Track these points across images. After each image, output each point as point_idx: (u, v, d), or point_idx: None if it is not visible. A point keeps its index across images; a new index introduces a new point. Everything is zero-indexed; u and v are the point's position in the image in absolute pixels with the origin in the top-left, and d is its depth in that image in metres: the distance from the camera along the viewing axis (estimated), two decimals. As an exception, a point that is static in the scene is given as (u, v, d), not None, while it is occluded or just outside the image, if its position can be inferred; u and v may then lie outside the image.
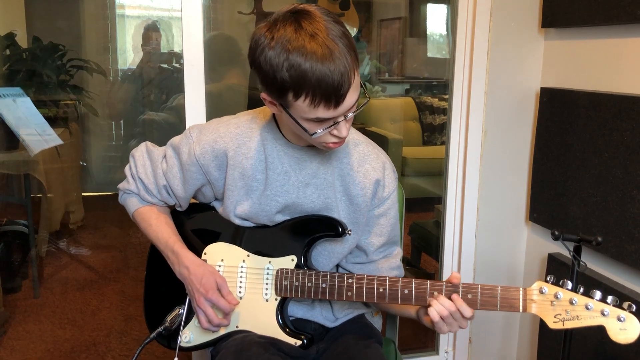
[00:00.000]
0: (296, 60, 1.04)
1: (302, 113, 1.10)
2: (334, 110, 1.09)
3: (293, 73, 1.04)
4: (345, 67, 1.05)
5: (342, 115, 1.12)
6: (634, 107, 1.64)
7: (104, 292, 3.01)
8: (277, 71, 1.06)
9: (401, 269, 1.42)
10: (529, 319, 2.23)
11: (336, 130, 1.14)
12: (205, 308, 1.27)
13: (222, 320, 1.29)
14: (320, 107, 1.08)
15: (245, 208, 1.31)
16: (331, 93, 1.06)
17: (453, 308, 1.17)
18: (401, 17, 4.44)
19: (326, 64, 1.04)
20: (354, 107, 1.13)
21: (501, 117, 2.13)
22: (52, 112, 2.93)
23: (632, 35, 1.72)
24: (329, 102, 1.07)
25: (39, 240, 3.06)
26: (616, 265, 1.78)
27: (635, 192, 1.65)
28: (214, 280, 1.27)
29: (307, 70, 1.04)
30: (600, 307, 1.10)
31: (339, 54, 1.05)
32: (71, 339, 2.58)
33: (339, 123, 1.13)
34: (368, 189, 1.32)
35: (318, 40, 1.04)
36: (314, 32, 1.05)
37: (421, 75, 4.65)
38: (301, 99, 1.07)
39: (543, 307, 1.14)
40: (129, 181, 1.41)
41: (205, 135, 1.31)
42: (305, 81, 1.04)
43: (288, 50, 1.04)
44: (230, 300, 1.28)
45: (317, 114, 1.09)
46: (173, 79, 3.55)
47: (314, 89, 1.05)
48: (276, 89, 1.09)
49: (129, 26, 3.79)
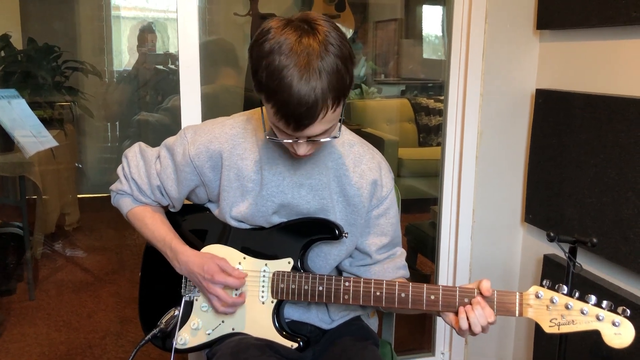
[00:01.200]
0: (277, 70, 1.03)
1: (269, 116, 1.11)
2: (292, 132, 1.09)
3: (269, 79, 1.05)
4: (316, 101, 1.03)
5: (304, 137, 1.12)
6: (629, 109, 1.65)
7: (99, 294, 3.00)
8: (259, 68, 1.07)
9: (406, 268, 1.42)
10: (524, 321, 2.24)
11: (294, 147, 1.15)
12: (215, 292, 1.26)
13: (236, 299, 1.28)
14: (281, 122, 1.08)
15: (241, 209, 1.31)
16: (291, 117, 1.05)
17: (492, 319, 1.16)
18: (397, 18, 4.44)
19: (301, 89, 1.02)
20: (321, 135, 1.12)
21: (497, 118, 2.14)
22: (47, 114, 2.92)
23: (627, 37, 1.72)
24: (287, 124, 1.07)
25: (34, 242, 3.05)
26: (611, 267, 1.78)
27: (630, 193, 1.65)
28: (215, 264, 1.27)
29: (282, 85, 1.03)
30: (595, 312, 1.11)
31: (319, 88, 1.03)
32: (66, 342, 2.57)
33: (297, 141, 1.13)
34: (365, 190, 1.32)
35: (309, 65, 1.02)
36: (309, 54, 1.03)
37: (417, 76, 4.66)
38: (269, 105, 1.08)
39: (539, 311, 1.15)
40: (122, 182, 1.40)
41: (200, 136, 1.31)
42: (276, 93, 1.04)
43: (278, 55, 1.04)
44: (238, 275, 1.28)
45: (278, 125, 1.10)
46: (168, 80, 3.54)
47: (280, 104, 1.05)
48: (256, 81, 1.10)
49: (124, 27, 3.78)
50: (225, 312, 1.30)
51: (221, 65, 3.23)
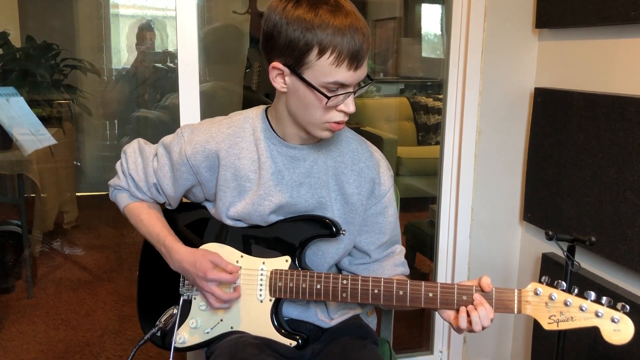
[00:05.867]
0: (327, 17, 1.10)
1: (321, 76, 1.13)
2: (353, 73, 1.13)
3: (323, 29, 1.10)
4: (366, 33, 1.13)
5: (356, 84, 1.17)
6: (628, 108, 1.65)
7: (98, 292, 3.00)
8: (305, 28, 1.10)
9: (405, 265, 1.42)
10: (523, 318, 2.24)
11: (344, 105, 1.17)
12: (210, 289, 1.26)
13: (231, 295, 1.28)
14: (342, 67, 1.12)
15: (238, 209, 1.31)
16: (356, 51, 1.11)
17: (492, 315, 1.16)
18: (396, 17, 4.44)
19: (353, 25, 1.11)
20: (363, 81, 1.20)
21: (495, 117, 2.14)
22: (45, 112, 2.92)
23: (625, 36, 1.72)
24: (352, 61, 1.12)
25: (33, 241, 3.05)
26: (609, 265, 1.79)
27: (629, 192, 1.65)
28: (208, 260, 1.26)
29: (338, 26, 1.10)
30: (594, 309, 1.11)
31: (363, 22, 1.14)
32: (65, 340, 2.57)
33: (349, 95, 1.16)
34: (363, 188, 1.32)
35: (343, 7, 1.13)
36: (337, 0, 1.13)
37: (416, 75, 4.66)
38: (325, 56, 1.11)
39: (538, 308, 1.14)
40: (120, 177, 1.41)
41: (197, 136, 1.31)
42: (336, 36, 1.10)
43: (318, 7, 1.11)
44: (231, 269, 1.27)
45: (336, 77, 1.13)
46: (167, 78, 3.54)
47: (341, 45, 1.10)
48: (298, 49, 1.12)
49: (123, 25, 3.78)
50: (221, 308, 1.30)
51: (221, 62, 3.23)
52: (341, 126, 1.21)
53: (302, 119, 1.21)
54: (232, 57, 3.32)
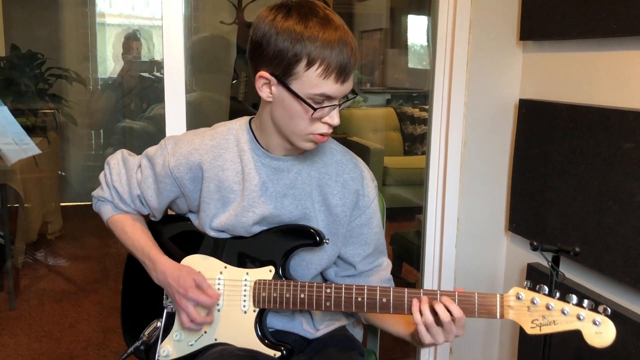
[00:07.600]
0: (317, 30, 1.11)
1: (309, 87, 1.13)
2: (340, 86, 1.14)
3: (312, 41, 1.11)
4: (354, 48, 1.14)
5: (342, 97, 1.18)
6: (611, 119, 1.67)
7: (82, 304, 2.96)
8: (295, 39, 1.11)
9: (391, 281, 1.42)
10: (509, 328, 2.24)
11: (329, 117, 1.17)
12: (186, 308, 1.25)
13: (205, 318, 1.27)
14: (329, 80, 1.12)
15: (222, 220, 1.30)
16: (344, 65, 1.12)
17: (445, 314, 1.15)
18: (382, 28, 4.48)
19: (342, 39, 1.12)
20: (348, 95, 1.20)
21: (481, 127, 2.15)
22: (30, 121, 2.89)
23: (608, 49, 1.75)
24: (339, 75, 1.12)
25: (16, 251, 3.01)
26: (594, 275, 1.80)
27: (612, 202, 1.67)
28: (192, 279, 1.25)
29: (327, 39, 1.11)
30: (576, 312, 1.10)
31: (351, 37, 1.15)
32: (48, 352, 2.53)
33: (334, 108, 1.17)
34: (347, 199, 1.32)
35: (333, 20, 1.14)
36: (326, 14, 1.15)
37: (402, 85, 4.69)
38: (314, 68, 1.11)
39: (520, 312, 1.14)
40: (104, 189, 1.39)
41: (180, 147, 1.31)
42: (325, 49, 1.11)
43: (308, 19, 1.12)
44: (211, 294, 1.26)
45: (323, 89, 1.13)
46: (154, 88, 3.53)
47: (330, 58, 1.11)
48: (287, 59, 1.12)
49: (109, 35, 3.77)
50: (190, 329, 1.28)
51: (206, 72, 3.23)
52: (325, 138, 1.21)
53: (287, 129, 1.21)
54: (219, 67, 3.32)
